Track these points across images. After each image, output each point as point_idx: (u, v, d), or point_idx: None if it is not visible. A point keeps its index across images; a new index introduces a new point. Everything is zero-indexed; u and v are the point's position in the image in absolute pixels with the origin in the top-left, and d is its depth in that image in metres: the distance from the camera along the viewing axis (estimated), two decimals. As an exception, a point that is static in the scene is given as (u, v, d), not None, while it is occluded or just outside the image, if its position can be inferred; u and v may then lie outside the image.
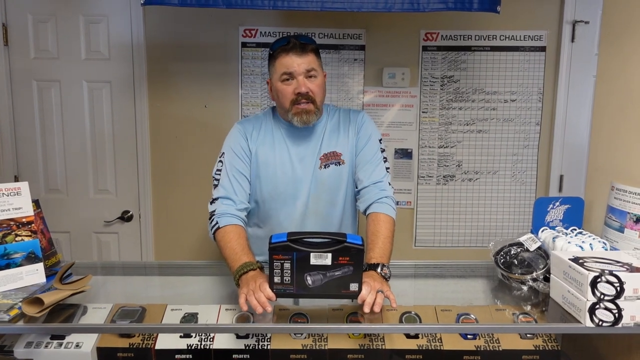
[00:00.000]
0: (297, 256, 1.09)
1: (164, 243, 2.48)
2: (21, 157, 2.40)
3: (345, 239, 1.08)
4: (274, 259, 1.10)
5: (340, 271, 1.10)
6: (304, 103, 1.43)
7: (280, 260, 1.09)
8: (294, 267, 1.10)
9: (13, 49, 2.32)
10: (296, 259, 1.09)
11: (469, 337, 1.23)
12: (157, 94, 2.37)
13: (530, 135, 2.39)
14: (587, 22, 2.27)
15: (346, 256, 1.09)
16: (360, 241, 1.10)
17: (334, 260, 1.09)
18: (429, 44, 2.34)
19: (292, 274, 1.10)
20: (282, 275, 1.11)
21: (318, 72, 1.46)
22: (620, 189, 1.26)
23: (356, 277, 1.11)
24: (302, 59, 1.42)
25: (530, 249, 1.29)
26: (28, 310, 1.06)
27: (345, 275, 1.10)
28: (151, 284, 1.52)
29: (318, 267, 1.09)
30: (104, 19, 2.31)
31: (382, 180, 1.50)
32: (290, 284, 1.11)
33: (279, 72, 1.44)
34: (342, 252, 1.08)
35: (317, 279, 1.10)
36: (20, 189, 1.24)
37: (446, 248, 2.47)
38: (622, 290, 0.98)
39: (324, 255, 1.09)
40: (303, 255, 1.09)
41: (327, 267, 1.09)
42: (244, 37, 2.33)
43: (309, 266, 1.09)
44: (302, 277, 1.10)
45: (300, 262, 1.09)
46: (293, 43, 1.42)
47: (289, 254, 1.09)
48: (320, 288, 1.11)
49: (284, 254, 1.09)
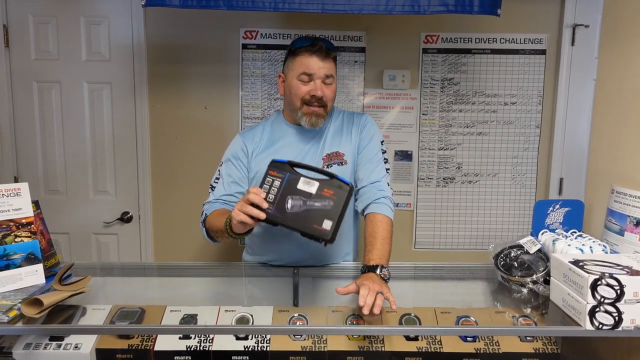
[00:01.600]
0: (288, 177, 1.18)
1: (163, 244, 2.48)
2: (21, 158, 2.40)
3: (336, 176, 1.17)
4: (269, 174, 1.19)
5: (320, 203, 1.16)
6: (316, 106, 1.46)
7: (274, 176, 1.19)
8: (281, 186, 1.18)
9: (14, 50, 2.32)
10: (287, 180, 1.18)
11: (469, 340, 1.23)
12: (158, 95, 2.37)
13: (530, 138, 2.39)
14: (587, 26, 2.28)
15: (331, 190, 1.15)
16: (349, 183, 1.17)
17: (319, 190, 1.16)
18: (429, 47, 2.34)
19: (277, 194, 1.18)
20: (268, 191, 1.19)
21: (334, 79, 1.49)
22: (620, 192, 1.26)
23: (333, 214, 1.15)
24: (324, 63, 1.45)
25: (530, 251, 1.29)
26: (27, 311, 1.05)
27: (324, 209, 1.15)
28: (150, 285, 1.52)
29: (302, 192, 1.16)
30: (105, 20, 2.31)
31: (381, 180, 1.50)
32: (272, 202, 1.18)
33: (298, 71, 1.46)
34: (329, 184, 1.16)
35: (296, 204, 1.17)
36: (20, 189, 1.24)
37: (446, 250, 2.47)
38: (622, 294, 0.98)
39: (311, 183, 1.17)
40: (294, 178, 1.18)
41: (310, 195, 1.16)
42: (245, 38, 2.34)
43: (295, 190, 1.17)
44: (284, 198, 1.17)
45: (289, 183, 1.18)
46: (319, 46, 1.44)
47: (283, 173, 1.18)
48: (296, 215, 1.16)
49: (279, 172, 1.19)
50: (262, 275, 1.55)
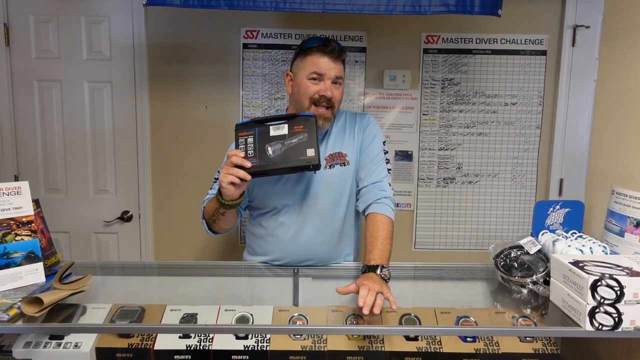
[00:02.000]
0: (258, 130, 1.27)
1: (163, 243, 2.48)
2: (21, 156, 2.40)
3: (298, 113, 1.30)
4: (239, 137, 1.28)
5: (296, 138, 1.27)
6: (323, 107, 1.46)
7: (245, 136, 1.28)
8: (256, 140, 1.27)
9: (14, 48, 2.32)
10: (258, 133, 1.27)
11: (469, 340, 1.23)
12: (158, 95, 2.37)
13: (530, 138, 2.39)
14: (587, 27, 2.28)
15: (300, 125, 1.27)
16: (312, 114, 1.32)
17: (290, 129, 1.28)
18: (430, 47, 2.34)
19: (255, 147, 1.27)
20: (246, 150, 1.28)
21: (343, 81, 1.51)
22: (621, 193, 1.26)
23: (311, 142, 1.28)
24: (335, 64, 1.46)
25: (531, 252, 1.29)
26: (27, 309, 1.05)
27: (301, 142, 1.27)
28: (150, 284, 1.52)
29: (277, 137, 1.27)
30: (106, 19, 2.31)
31: (382, 180, 1.50)
32: (253, 156, 1.27)
33: (309, 70, 1.46)
34: (296, 122, 1.28)
35: (277, 148, 1.27)
36: (20, 188, 1.24)
37: (446, 250, 2.47)
38: (622, 295, 0.98)
39: (281, 126, 1.28)
40: (264, 129, 1.28)
41: (285, 136, 1.27)
42: (246, 38, 2.34)
43: (269, 137, 1.27)
44: (263, 148, 1.27)
45: (262, 135, 1.27)
46: (332, 47, 1.45)
47: (252, 130, 1.28)
48: (281, 157, 1.27)
49: (247, 131, 1.29)
50: (262, 275, 1.55)
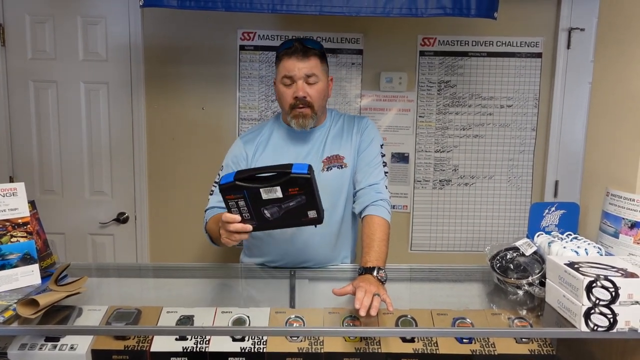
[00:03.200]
0: (247, 194, 1.11)
1: (159, 245, 2.47)
2: (17, 157, 2.39)
3: (290, 171, 1.09)
4: (228, 199, 1.13)
5: (293, 201, 1.12)
6: (301, 107, 1.45)
7: (234, 199, 1.12)
8: (248, 203, 1.12)
9: (10, 49, 2.31)
10: (248, 196, 1.11)
11: (465, 341, 1.24)
12: (155, 96, 2.36)
13: (526, 140, 2.41)
14: (582, 29, 2.29)
15: (295, 187, 1.10)
16: (306, 169, 1.10)
17: (284, 192, 1.10)
18: (426, 49, 2.35)
19: (250, 210, 1.13)
20: (241, 213, 1.14)
21: (319, 77, 1.47)
22: (615, 195, 1.26)
23: (311, 204, 1.12)
24: (303, 63, 1.43)
25: (526, 253, 1.29)
26: (23, 311, 1.05)
27: (300, 204, 1.12)
28: (147, 286, 1.52)
29: (271, 200, 1.11)
30: (102, 20, 2.30)
31: (379, 183, 1.50)
32: (250, 218, 1.14)
33: (281, 75, 1.46)
34: (289, 183, 1.09)
35: (274, 211, 1.13)
36: (16, 189, 1.23)
37: (442, 252, 2.47)
38: (617, 296, 0.98)
39: (273, 190, 1.10)
40: (254, 192, 1.11)
41: (280, 199, 1.11)
42: (242, 40, 2.34)
43: (263, 201, 1.11)
44: (259, 211, 1.13)
45: (253, 198, 1.11)
46: (295, 47, 1.44)
47: (240, 193, 1.11)
48: (281, 219, 1.14)
49: (235, 194, 1.12)
50: (258, 277, 1.55)
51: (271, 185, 1.10)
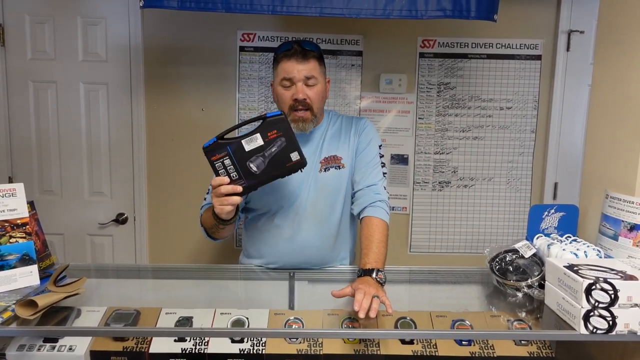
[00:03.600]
0: (231, 149, 1.14)
1: (158, 246, 2.47)
2: (16, 158, 2.38)
3: (265, 115, 1.13)
4: (213, 161, 1.16)
5: (275, 146, 1.15)
6: (301, 110, 1.45)
7: (219, 159, 1.15)
8: (234, 161, 1.15)
9: (10, 49, 2.31)
10: (232, 152, 1.15)
11: (464, 343, 1.24)
12: (154, 97, 2.36)
13: (525, 142, 2.41)
14: (582, 32, 2.30)
15: (273, 129, 1.14)
16: (279, 112, 1.15)
17: (264, 138, 1.14)
18: (425, 51, 2.35)
19: (236, 168, 1.16)
20: (228, 174, 1.17)
21: (318, 79, 1.47)
22: (615, 197, 1.27)
23: (292, 145, 1.16)
24: (302, 65, 1.43)
25: (526, 255, 1.30)
26: (21, 312, 1.05)
27: (282, 147, 1.16)
28: (145, 287, 1.52)
29: (254, 151, 1.14)
30: (102, 20, 2.30)
31: (377, 184, 1.50)
32: (238, 178, 1.17)
33: (280, 77, 1.46)
34: (267, 127, 1.13)
35: (259, 162, 1.16)
36: (15, 190, 1.23)
37: (441, 254, 2.47)
38: (617, 298, 0.98)
39: (253, 138, 1.14)
40: (236, 146, 1.14)
41: (262, 147, 1.14)
42: (242, 41, 2.34)
43: (246, 153, 1.15)
44: (245, 167, 1.16)
45: (237, 153, 1.15)
46: (294, 49, 1.43)
47: (224, 150, 1.15)
48: (267, 170, 1.17)
49: (219, 152, 1.15)
50: (258, 278, 1.55)
51: (251, 134, 1.14)
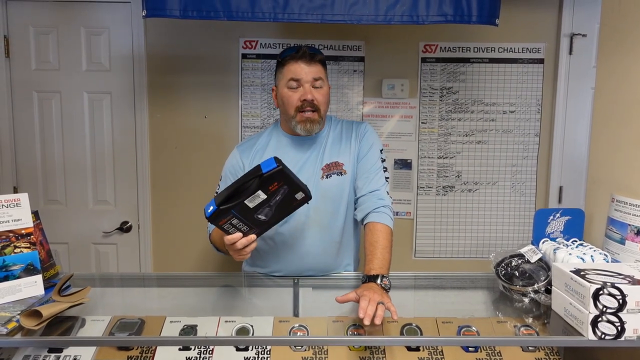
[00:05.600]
0: (235, 211, 1.14)
1: (162, 254, 2.47)
2: (20, 167, 2.40)
3: (261, 172, 1.13)
4: (221, 225, 1.16)
5: (279, 195, 1.16)
6: (308, 111, 1.45)
7: (226, 222, 1.15)
8: (241, 218, 1.16)
9: (14, 60, 2.33)
10: (237, 213, 1.14)
11: (471, 350, 1.22)
12: (158, 105, 2.37)
13: (529, 146, 2.40)
14: (584, 35, 2.29)
15: (273, 183, 1.14)
16: (274, 164, 1.14)
17: (266, 192, 1.14)
18: (428, 56, 2.35)
19: (245, 223, 1.17)
20: (239, 230, 1.18)
21: (324, 82, 1.49)
22: (621, 201, 1.26)
23: (294, 188, 1.17)
24: (310, 67, 1.45)
25: (531, 260, 1.28)
26: (26, 323, 1.05)
27: (285, 193, 1.16)
28: (150, 296, 1.51)
29: (259, 204, 1.15)
30: (105, 30, 2.32)
31: (380, 189, 1.50)
32: (250, 229, 1.18)
33: (286, 78, 1.46)
34: (267, 183, 1.13)
35: (267, 211, 1.17)
36: (20, 200, 1.24)
37: (446, 259, 2.46)
38: (625, 303, 0.97)
39: (255, 196, 1.14)
40: (241, 207, 1.14)
41: (266, 199, 1.15)
42: (245, 48, 2.35)
43: (252, 209, 1.15)
44: (254, 219, 1.16)
45: (242, 212, 1.15)
46: (303, 51, 1.45)
47: (228, 214, 1.14)
48: (276, 215, 1.18)
49: (224, 217, 1.15)
50: (262, 285, 1.54)
51: (252, 192, 1.13)
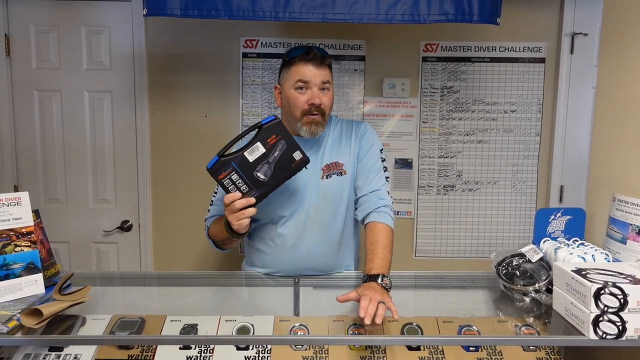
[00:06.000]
0: (236, 164, 1.16)
1: (163, 253, 2.47)
2: (21, 166, 2.40)
3: (260, 123, 1.16)
4: (221, 179, 1.17)
5: (277, 150, 1.18)
6: (315, 114, 1.45)
7: (226, 176, 1.17)
8: (241, 174, 1.17)
9: (15, 59, 2.33)
10: (238, 166, 1.16)
11: (471, 349, 1.22)
12: (158, 104, 2.37)
13: (530, 145, 2.40)
14: (586, 34, 2.29)
15: (272, 135, 1.16)
16: (272, 117, 1.19)
17: (265, 145, 1.16)
18: (428, 55, 2.35)
19: (245, 181, 1.17)
20: (238, 188, 1.18)
21: (331, 85, 1.49)
22: (622, 200, 1.25)
23: (292, 145, 1.20)
24: (319, 70, 1.44)
25: (532, 260, 1.28)
26: (27, 321, 1.04)
27: (284, 150, 1.18)
28: (150, 295, 1.51)
29: (258, 160, 1.17)
30: (106, 29, 2.32)
31: (381, 189, 1.50)
32: (249, 189, 1.18)
33: (294, 79, 1.45)
34: (265, 134, 1.16)
35: (266, 169, 1.18)
36: (20, 199, 1.23)
37: (447, 258, 2.46)
38: (626, 303, 0.97)
39: (255, 147, 1.16)
40: (240, 160, 1.16)
41: (265, 154, 1.17)
42: (245, 47, 2.35)
43: (251, 164, 1.17)
44: (253, 177, 1.18)
45: (242, 166, 1.17)
46: (314, 54, 1.44)
47: (229, 166, 1.16)
48: (275, 175, 1.19)
49: (224, 170, 1.17)
50: (262, 285, 1.54)
51: (251, 144, 1.16)
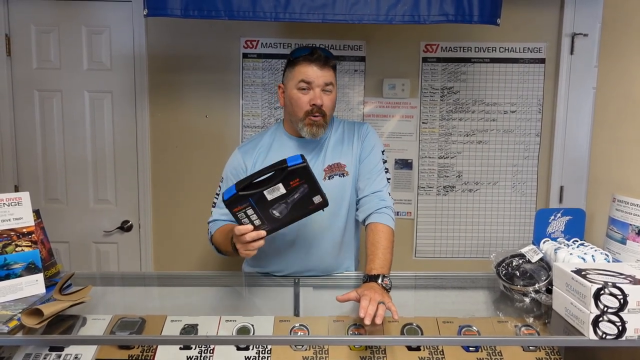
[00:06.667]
0: (253, 200, 1.13)
1: (163, 253, 2.47)
2: (21, 166, 2.40)
3: (286, 165, 1.12)
4: (236, 212, 1.15)
5: (297, 193, 1.15)
6: (317, 115, 1.44)
7: (241, 210, 1.14)
8: (256, 209, 1.14)
9: (16, 59, 2.33)
10: (254, 202, 1.13)
11: (471, 350, 1.23)
12: (158, 104, 2.38)
13: (530, 146, 2.40)
14: (586, 35, 2.29)
15: (295, 178, 1.13)
16: (300, 159, 1.13)
17: (286, 187, 1.13)
18: (429, 56, 2.35)
19: (259, 215, 1.15)
20: (251, 222, 1.16)
21: (334, 87, 1.48)
22: (622, 201, 1.26)
23: (314, 190, 1.16)
24: (323, 71, 1.44)
25: (532, 260, 1.28)
26: (27, 321, 1.05)
27: (304, 193, 1.15)
28: (151, 295, 1.52)
29: (277, 199, 1.14)
30: (106, 29, 2.32)
31: (382, 190, 1.50)
32: (262, 224, 1.16)
33: (297, 79, 1.45)
34: (289, 177, 1.12)
35: (282, 208, 1.16)
36: (21, 199, 1.24)
37: (447, 259, 2.46)
38: (626, 303, 0.97)
39: (276, 188, 1.13)
40: (258, 197, 1.13)
41: (285, 195, 1.14)
42: (245, 48, 2.35)
43: (269, 202, 1.14)
44: (268, 213, 1.15)
45: (259, 202, 1.14)
46: (318, 55, 1.44)
47: (245, 202, 1.13)
48: (289, 214, 1.17)
49: (240, 204, 1.14)
50: (263, 285, 1.54)
51: (273, 184, 1.13)
